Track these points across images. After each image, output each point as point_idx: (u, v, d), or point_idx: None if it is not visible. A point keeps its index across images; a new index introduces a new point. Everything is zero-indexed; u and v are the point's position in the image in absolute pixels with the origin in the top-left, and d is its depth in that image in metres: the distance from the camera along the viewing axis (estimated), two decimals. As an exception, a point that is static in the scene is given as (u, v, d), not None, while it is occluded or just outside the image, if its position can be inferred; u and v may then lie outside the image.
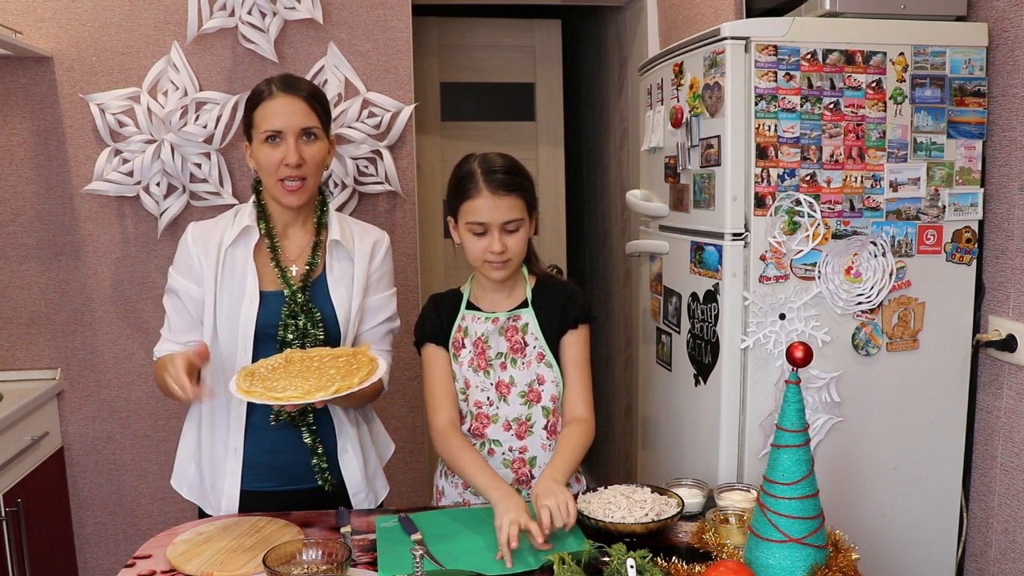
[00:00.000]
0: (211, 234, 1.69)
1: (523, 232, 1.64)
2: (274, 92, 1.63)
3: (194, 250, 1.68)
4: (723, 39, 1.70)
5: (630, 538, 1.42)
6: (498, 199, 1.60)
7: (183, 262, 1.70)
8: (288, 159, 1.61)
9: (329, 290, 1.70)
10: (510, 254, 1.63)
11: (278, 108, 1.62)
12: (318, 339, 1.67)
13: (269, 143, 1.63)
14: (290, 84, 1.65)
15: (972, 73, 1.74)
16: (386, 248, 1.80)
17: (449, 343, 1.72)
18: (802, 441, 1.24)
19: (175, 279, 1.70)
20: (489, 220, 1.60)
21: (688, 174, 1.91)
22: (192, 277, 1.68)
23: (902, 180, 1.75)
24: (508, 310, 1.70)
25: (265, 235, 1.69)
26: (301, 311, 1.66)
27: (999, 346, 1.73)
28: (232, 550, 1.45)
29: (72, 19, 2.46)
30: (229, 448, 1.69)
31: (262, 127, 1.63)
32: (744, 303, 1.75)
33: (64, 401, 2.60)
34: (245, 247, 1.68)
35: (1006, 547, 1.74)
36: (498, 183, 1.60)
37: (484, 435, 1.70)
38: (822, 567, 1.23)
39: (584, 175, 4.14)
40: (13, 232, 2.52)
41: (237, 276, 1.67)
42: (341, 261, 1.73)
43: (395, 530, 1.53)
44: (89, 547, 2.66)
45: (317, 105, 1.67)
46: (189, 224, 1.73)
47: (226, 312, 1.66)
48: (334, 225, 1.73)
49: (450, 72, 3.53)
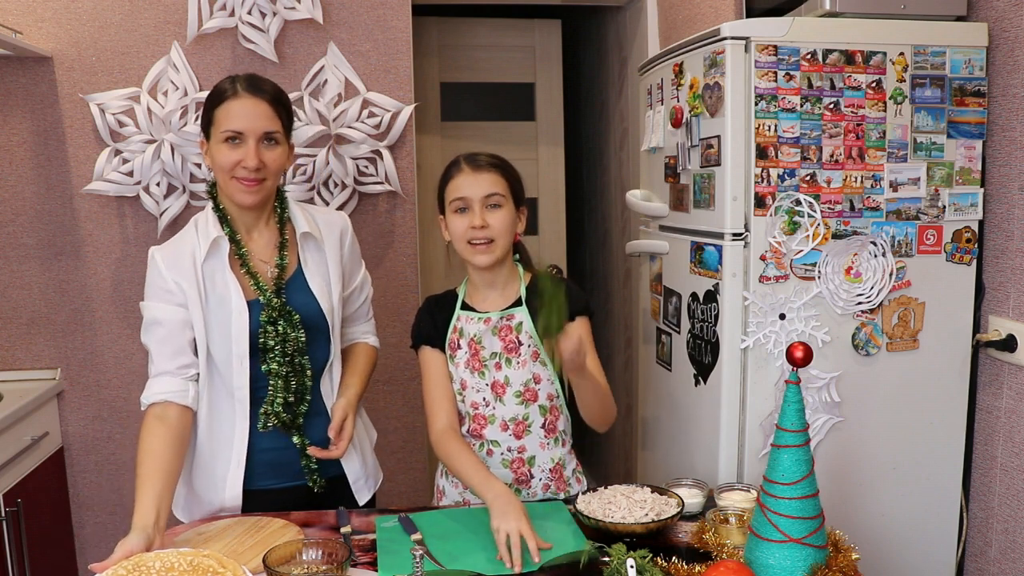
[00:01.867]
0: (181, 253, 1.62)
1: (506, 211, 1.64)
2: (238, 92, 1.57)
3: (168, 275, 1.59)
4: (723, 39, 1.70)
5: (630, 538, 1.42)
6: (478, 174, 1.64)
7: (159, 290, 1.61)
8: (247, 162, 1.56)
9: (308, 283, 1.68)
10: (492, 232, 1.63)
11: (241, 109, 1.56)
12: (299, 340, 1.64)
13: (228, 144, 1.57)
14: (255, 85, 1.59)
15: (972, 73, 1.74)
16: (351, 233, 1.80)
17: (445, 344, 1.72)
18: (802, 441, 1.24)
19: (155, 309, 1.61)
20: (469, 194, 1.63)
21: (688, 174, 1.91)
22: (173, 302, 1.60)
23: (902, 180, 1.75)
24: (502, 308, 1.70)
25: (231, 242, 1.64)
26: (279, 315, 1.62)
27: (999, 346, 1.73)
28: (234, 551, 1.44)
29: (72, 19, 2.46)
30: (233, 449, 1.67)
31: (223, 126, 1.57)
32: (744, 303, 1.75)
33: (64, 401, 2.60)
34: (219, 259, 1.62)
35: (1006, 547, 1.74)
36: (478, 162, 1.66)
37: (482, 436, 1.70)
38: (822, 567, 1.23)
39: (584, 175, 4.14)
40: (13, 232, 2.52)
41: (219, 290, 1.62)
42: (314, 253, 1.71)
43: (395, 530, 1.53)
44: (89, 547, 2.66)
45: (281, 109, 1.62)
46: (151, 250, 1.64)
47: (216, 329, 1.61)
48: (299, 218, 1.69)
49: (450, 72, 3.53)
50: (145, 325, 1.63)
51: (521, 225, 1.71)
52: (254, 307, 1.62)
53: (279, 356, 1.62)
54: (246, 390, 1.63)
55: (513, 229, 1.67)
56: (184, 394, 1.60)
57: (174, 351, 1.61)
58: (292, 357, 1.64)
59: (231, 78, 1.62)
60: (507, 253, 1.69)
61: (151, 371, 1.62)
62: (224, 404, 1.65)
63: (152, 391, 1.59)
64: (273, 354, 1.62)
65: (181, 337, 1.61)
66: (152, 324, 1.61)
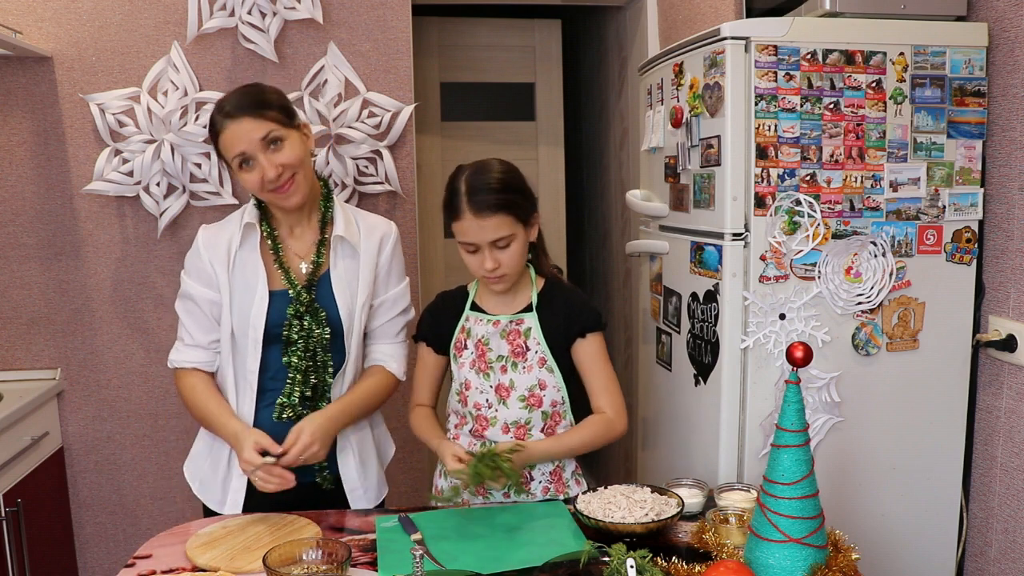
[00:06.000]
0: (220, 237, 1.71)
1: (516, 246, 1.62)
2: (225, 124, 1.60)
3: (205, 255, 1.69)
4: (723, 39, 1.70)
5: (630, 538, 1.42)
6: (482, 220, 1.58)
7: (195, 268, 1.71)
8: (267, 175, 1.60)
9: (332, 287, 1.70)
10: (504, 269, 1.63)
11: (233, 135, 1.60)
12: (324, 338, 1.68)
13: (243, 168, 1.62)
14: (236, 106, 1.60)
15: (972, 73, 1.74)
16: (394, 241, 1.79)
17: (451, 344, 1.72)
18: (802, 441, 1.24)
19: (189, 285, 1.71)
20: (476, 240, 1.60)
21: (688, 174, 1.91)
22: (206, 282, 1.70)
23: (902, 180, 1.75)
24: (512, 313, 1.70)
25: (267, 235, 1.70)
26: (306, 311, 1.67)
27: (999, 346, 1.73)
28: (248, 547, 1.46)
29: (72, 19, 2.46)
30: None
31: (229, 154, 1.62)
32: (744, 303, 1.75)
33: (64, 401, 2.60)
34: (251, 247, 1.70)
35: (1006, 547, 1.74)
36: (481, 204, 1.57)
37: (484, 436, 1.70)
38: (822, 567, 1.23)
39: (584, 175, 4.14)
40: (13, 232, 2.52)
41: (248, 277, 1.68)
42: (345, 258, 1.73)
43: (395, 530, 1.53)
44: (89, 547, 2.66)
45: (268, 111, 1.61)
46: (200, 227, 1.74)
47: (238, 313, 1.68)
48: (339, 220, 1.73)
49: (450, 72, 3.53)
50: (181, 296, 1.75)
51: (534, 232, 1.69)
52: (277, 297, 1.67)
53: (300, 350, 1.67)
54: (255, 375, 1.69)
55: (525, 253, 1.66)
56: (212, 364, 1.74)
57: (206, 327, 1.72)
58: (315, 353, 1.68)
59: (218, 107, 1.63)
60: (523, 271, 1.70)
61: (184, 338, 1.75)
62: (240, 382, 1.72)
63: (186, 357, 1.74)
64: (295, 347, 1.67)
65: (210, 316, 1.71)
66: (184, 297, 1.74)
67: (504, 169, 1.64)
